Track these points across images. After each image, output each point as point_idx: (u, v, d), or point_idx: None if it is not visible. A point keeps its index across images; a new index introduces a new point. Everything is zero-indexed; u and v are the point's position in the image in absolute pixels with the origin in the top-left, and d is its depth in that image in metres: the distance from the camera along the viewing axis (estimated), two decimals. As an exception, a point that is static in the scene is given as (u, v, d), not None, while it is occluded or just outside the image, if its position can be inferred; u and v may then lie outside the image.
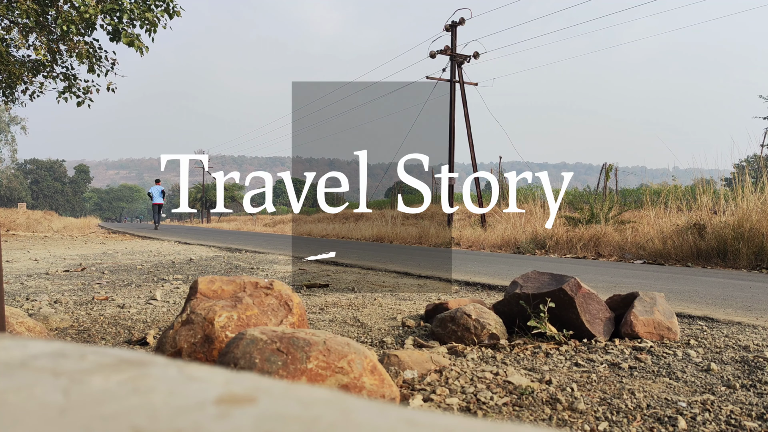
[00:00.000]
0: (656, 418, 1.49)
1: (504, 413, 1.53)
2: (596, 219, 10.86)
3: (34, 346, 0.40)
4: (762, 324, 2.78)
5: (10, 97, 12.87)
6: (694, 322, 2.87)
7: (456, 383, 1.76)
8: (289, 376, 1.27)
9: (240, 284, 2.01)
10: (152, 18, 10.37)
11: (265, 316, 1.87)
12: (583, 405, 1.56)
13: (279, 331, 1.40)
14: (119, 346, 2.39)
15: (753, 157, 22.12)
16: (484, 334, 2.28)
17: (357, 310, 3.25)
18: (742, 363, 2.02)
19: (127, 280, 4.73)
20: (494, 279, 4.87)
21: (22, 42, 10.52)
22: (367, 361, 1.37)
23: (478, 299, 3.03)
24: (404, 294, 4.00)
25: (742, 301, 3.68)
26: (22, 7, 9.44)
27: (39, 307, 3.22)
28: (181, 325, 1.79)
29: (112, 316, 3.01)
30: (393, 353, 1.91)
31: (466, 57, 16.72)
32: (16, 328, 2.17)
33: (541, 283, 2.49)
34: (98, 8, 9.79)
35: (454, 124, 16.42)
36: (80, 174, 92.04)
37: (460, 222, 16.92)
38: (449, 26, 16.57)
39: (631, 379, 1.84)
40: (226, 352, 1.38)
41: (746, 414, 1.52)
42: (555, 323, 2.38)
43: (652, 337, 2.36)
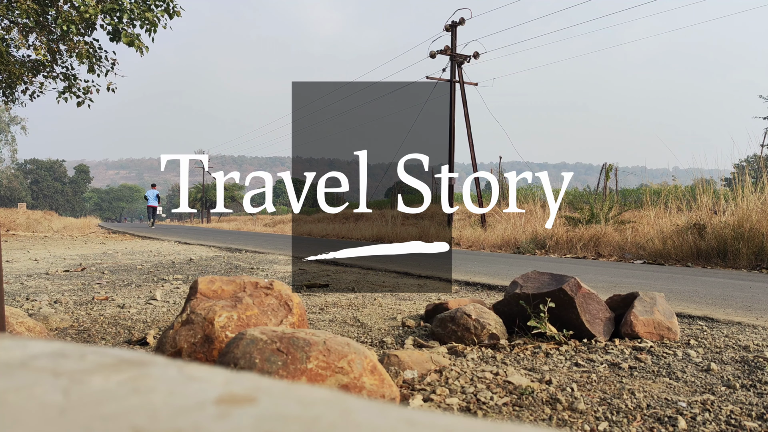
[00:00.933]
0: (656, 418, 1.49)
1: (504, 413, 1.53)
2: (596, 219, 10.86)
3: (34, 346, 0.40)
4: (762, 324, 2.78)
5: (10, 97, 12.88)
6: (694, 322, 2.87)
7: (456, 383, 1.76)
8: (289, 376, 1.27)
9: (240, 284, 2.01)
10: (152, 18, 10.37)
11: (265, 316, 1.87)
12: (583, 405, 1.56)
13: (279, 331, 1.40)
14: (119, 346, 2.39)
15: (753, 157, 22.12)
16: (484, 334, 2.28)
17: (357, 310, 3.25)
18: (742, 363, 2.02)
19: (127, 280, 4.73)
20: (494, 279, 4.87)
21: (22, 42, 10.52)
22: (367, 361, 1.37)
23: (478, 299, 3.03)
24: (404, 294, 4.00)
25: (742, 301, 3.68)
26: (22, 7, 9.44)
27: (39, 307, 3.22)
28: (181, 325, 1.79)
29: (112, 316, 3.01)
30: (393, 353, 1.91)
31: (466, 57, 16.72)
32: (16, 328, 2.17)
33: (541, 283, 2.49)
34: (98, 8, 9.79)
35: (454, 124, 16.42)
36: (80, 174, 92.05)
37: (460, 222, 16.92)
38: (449, 26, 16.57)
39: (631, 379, 1.84)
40: (226, 352, 1.38)
41: (746, 414, 1.52)
42: (555, 323, 2.38)
43: (652, 337, 2.36)
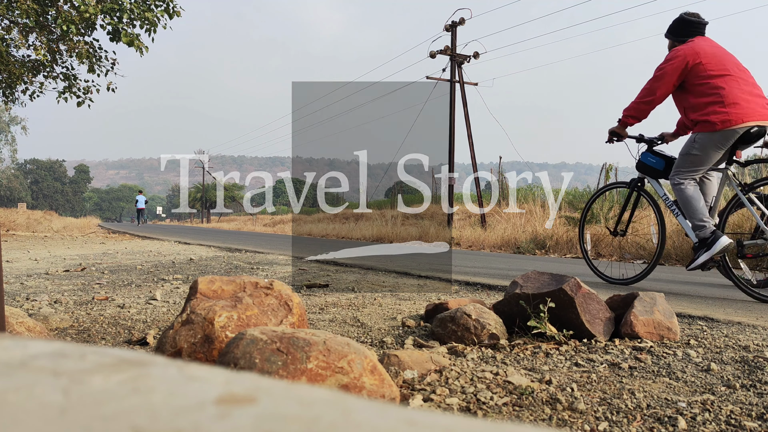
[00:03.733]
0: (656, 418, 1.49)
1: (504, 413, 1.53)
2: (596, 219, 10.86)
3: (34, 346, 0.40)
4: (762, 324, 2.78)
5: (10, 97, 12.88)
6: (694, 322, 2.87)
7: (456, 383, 1.76)
8: (289, 376, 1.27)
9: (240, 284, 2.01)
10: (152, 18, 10.37)
11: (265, 316, 1.87)
12: (583, 405, 1.56)
13: (279, 331, 1.40)
14: (119, 346, 2.39)
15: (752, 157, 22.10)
16: (484, 334, 2.28)
17: (357, 310, 3.25)
18: (742, 363, 2.02)
19: (127, 280, 4.73)
20: (494, 279, 4.87)
21: (22, 42, 10.52)
22: (367, 361, 1.37)
23: (478, 299, 3.03)
24: (404, 294, 4.00)
25: (742, 301, 3.68)
26: (22, 7, 9.44)
27: (39, 307, 3.22)
28: (181, 325, 1.79)
29: (112, 316, 3.01)
30: (393, 353, 1.91)
31: (466, 57, 16.72)
32: (16, 328, 2.17)
33: (541, 283, 2.49)
34: (98, 8, 9.79)
35: (454, 124, 16.42)
36: (80, 174, 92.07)
37: (460, 222, 16.93)
38: (449, 26, 16.57)
39: (631, 379, 1.84)
40: (226, 352, 1.38)
41: (746, 414, 1.52)
42: (555, 323, 2.38)
43: (652, 337, 2.36)
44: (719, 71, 3.81)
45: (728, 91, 3.74)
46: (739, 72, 3.85)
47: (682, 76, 3.93)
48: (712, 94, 3.79)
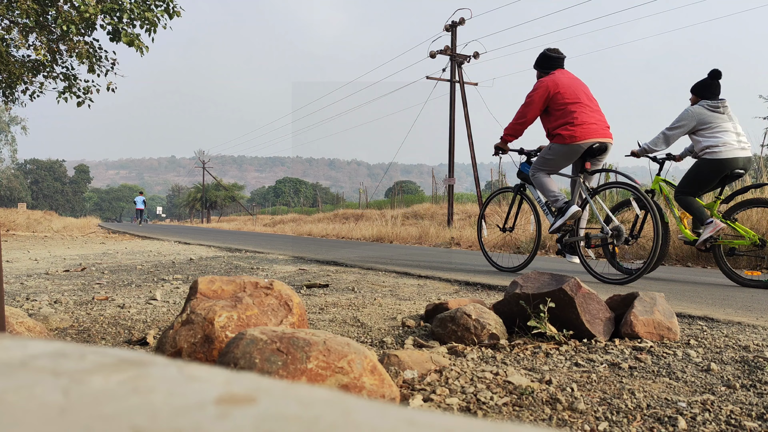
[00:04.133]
0: (656, 418, 1.49)
1: (504, 413, 1.53)
2: (596, 219, 10.86)
3: (34, 346, 0.40)
4: (762, 324, 2.78)
5: (10, 97, 12.88)
6: (694, 322, 2.87)
7: (456, 383, 1.76)
8: (289, 376, 1.27)
9: (240, 284, 2.01)
10: (152, 18, 10.38)
11: (265, 316, 1.87)
12: (583, 405, 1.56)
13: (279, 331, 1.40)
14: (119, 346, 2.39)
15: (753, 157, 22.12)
16: (484, 334, 2.28)
17: (357, 310, 3.25)
18: (742, 363, 2.02)
19: (127, 280, 4.73)
20: (494, 279, 4.87)
21: (22, 42, 10.52)
22: (367, 361, 1.37)
23: (478, 299, 3.03)
24: (404, 294, 4.00)
25: (742, 301, 3.68)
26: (22, 7, 9.44)
27: (39, 307, 3.22)
28: (181, 325, 1.79)
29: (112, 316, 3.01)
30: (393, 353, 1.91)
31: (466, 57, 16.72)
32: (16, 328, 2.17)
33: (541, 283, 2.49)
34: (98, 8, 9.79)
35: (454, 124, 16.42)
36: (80, 174, 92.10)
37: (460, 222, 16.93)
38: (449, 26, 16.57)
39: (631, 379, 1.84)
40: (226, 352, 1.38)
41: (746, 414, 1.52)
42: (555, 323, 2.38)
43: (652, 337, 2.36)
44: (572, 99, 4.76)
45: (578, 115, 4.72)
46: (587, 100, 4.82)
47: (546, 103, 4.87)
48: (566, 116, 4.75)
